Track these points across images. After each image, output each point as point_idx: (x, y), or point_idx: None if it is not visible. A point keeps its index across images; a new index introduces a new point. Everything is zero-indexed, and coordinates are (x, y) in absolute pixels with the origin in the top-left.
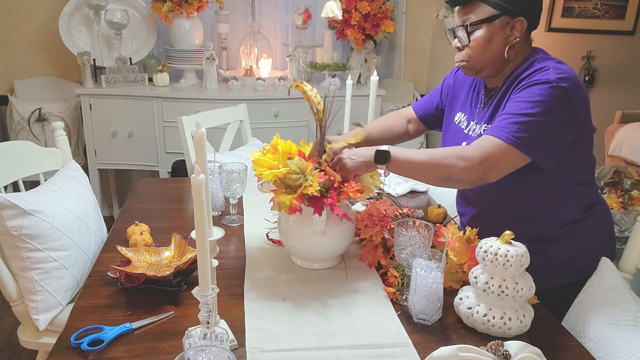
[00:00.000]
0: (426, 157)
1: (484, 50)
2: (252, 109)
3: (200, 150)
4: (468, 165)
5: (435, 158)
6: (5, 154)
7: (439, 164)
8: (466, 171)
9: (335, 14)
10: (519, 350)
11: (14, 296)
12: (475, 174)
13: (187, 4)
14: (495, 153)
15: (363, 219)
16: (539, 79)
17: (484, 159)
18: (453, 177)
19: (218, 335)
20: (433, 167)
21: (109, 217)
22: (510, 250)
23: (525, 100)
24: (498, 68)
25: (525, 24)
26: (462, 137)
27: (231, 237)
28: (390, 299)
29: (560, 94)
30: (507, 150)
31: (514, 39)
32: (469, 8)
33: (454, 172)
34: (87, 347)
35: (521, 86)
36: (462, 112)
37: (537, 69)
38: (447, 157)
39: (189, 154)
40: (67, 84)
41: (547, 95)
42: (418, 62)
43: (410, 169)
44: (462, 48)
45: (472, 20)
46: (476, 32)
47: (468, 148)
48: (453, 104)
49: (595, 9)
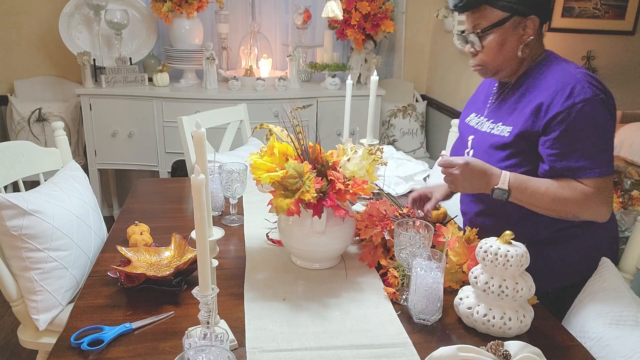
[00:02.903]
0: (549, 202)
1: (498, 53)
2: (252, 109)
3: (200, 150)
4: (595, 214)
5: (556, 206)
6: (5, 154)
7: (560, 211)
8: (593, 215)
9: (335, 14)
10: (519, 350)
11: (14, 296)
12: (602, 215)
13: (187, 4)
14: (608, 188)
15: (363, 219)
16: (583, 98)
17: (603, 199)
18: (575, 219)
19: (218, 335)
20: (554, 212)
21: (109, 217)
22: (510, 250)
23: (587, 127)
24: (515, 67)
25: (538, 21)
26: (471, 132)
27: (231, 237)
28: (390, 299)
29: (603, 106)
30: (610, 180)
31: (528, 37)
32: (478, 13)
33: (577, 216)
34: (87, 347)
35: (565, 109)
36: (475, 112)
37: (564, 84)
38: (570, 204)
39: (189, 154)
40: (67, 84)
41: (598, 111)
42: (418, 62)
43: (527, 205)
44: (475, 53)
45: (482, 26)
46: (488, 37)
47: (587, 190)
48: (470, 107)
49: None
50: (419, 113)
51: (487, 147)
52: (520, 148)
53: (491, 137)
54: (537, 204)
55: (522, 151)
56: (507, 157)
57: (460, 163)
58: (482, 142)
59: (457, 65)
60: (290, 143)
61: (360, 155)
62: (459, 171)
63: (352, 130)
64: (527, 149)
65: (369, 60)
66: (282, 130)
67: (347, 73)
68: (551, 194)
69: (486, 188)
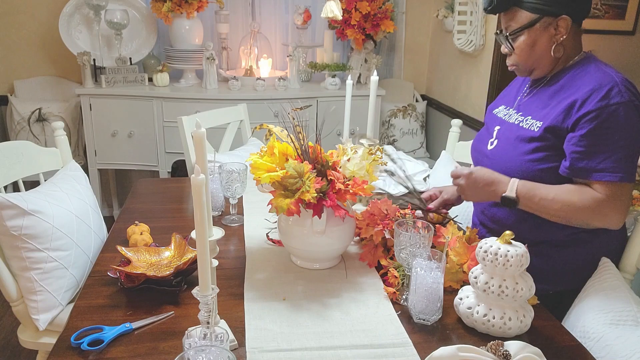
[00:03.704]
0: (558, 209)
1: (529, 54)
2: (252, 109)
3: (200, 150)
4: (606, 221)
5: (566, 213)
6: (5, 154)
7: (570, 218)
8: (604, 223)
9: (335, 14)
10: (519, 350)
11: (14, 296)
12: (614, 224)
13: (187, 4)
14: (625, 196)
15: (364, 218)
16: (618, 101)
17: (616, 206)
18: (587, 226)
19: (218, 335)
20: (565, 219)
21: (109, 217)
22: (510, 250)
23: (616, 130)
24: (549, 66)
25: (570, 21)
26: (497, 122)
27: (231, 237)
28: (390, 299)
29: (637, 112)
30: (629, 188)
31: (560, 37)
32: (509, 15)
33: (588, 224)
34: (87, 347)
35: (598, 108)
36: (504, 105)
37: (602, 84)
38: (580, 211)
39: (189, 154)
40: (67, 84)
41: (632, 117)
42: (418, 62)
43: (537, 212)
44: (510, 53)
45: (512, 27)
46: (519, 38)
47: (598, 196)
48: (501, 99)
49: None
50: (419, 113)
51: (513, 138)
52: (547, 144)
53: (518, 130)
54: (547, 211)
55: (548, 147)
56: (532, 150)
57: (464, 173)
58: (508, 133)
59: (457, 65)
60: (290, 143)
61: (360, 155)
62: (464, 182)
63: (352, 130)
64: (553, 146)
65: (369, 60)
66: (282, 131)
67: (347, 73)
68: (559, 200)
69: (494, 196)
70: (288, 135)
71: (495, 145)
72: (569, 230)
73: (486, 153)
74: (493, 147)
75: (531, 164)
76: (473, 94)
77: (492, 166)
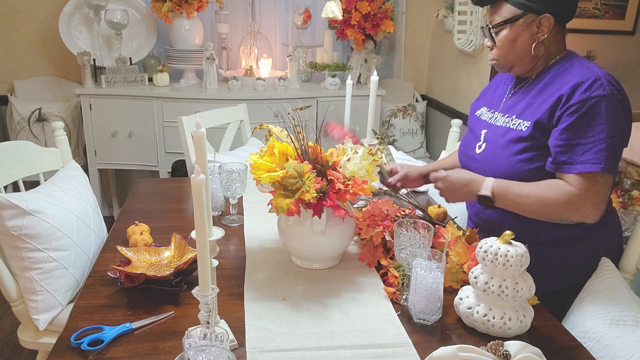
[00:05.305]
0: (534, 204)
1: (510, 49)
2: (252, 109)
3: (200, 150)
4: (580, 214)
5: (541, 209)
6: (5, 154)
7: (547, 214)
8: (579, 216)
9: (335, 14)
10: (519, 350)
11: (14, 296)
12: (590, 217)
13: (187, 4)
14: (602, 189)
15: (364, 219)
16: (600, 94)
17: (591, 199)
18: (565, 221)
19: (218, 335)
20: (542, 215)
21: (109, 217)
22: (510, 250)
23: (598, 123)
24: (529, 64)
25: (552, 20)
26: (484, 126)
27: (231, 237)
28: (390, 299)
29: (619, 105)
30: (608, 179)
31: (542, 35)
32: (495, 8)
33: (565, 218)
34: (87, 347)
35: (579, 101)
36: (486, 107)
37: (585, 78)
38: (554, 206)
39: (189, 154)
40: (67, 84)
41: (614, 110)
42: (418, 62)
43: (515, 210)
44: (491, 47)
45: (496, 21)
46: (501, 32)
47: (572, 190)
48: (482, 99)
49: (595, 9)
50: (419, 113)
51: (502, 140)
52: (537, 142)
53: (507, 132)
54: (523, 207)
55: (538, 146)
56: (521, 150)
57: (441, 176)
58: (496, 136)
59: (457, 65)
60: (290, 143)
61: (360, 155)
62: (441, 184)
63: (352, 130)
64: (543, 144)
65: (369, 60)
66: (282, 131)
67: (347, 73)
68: (534, 196)
69: (472, 196)
70: (288, 135)
71: (484, 148)
72: (567, 229)
73: (475, 157)
74: (482, 150)
75: (521, 164)
76: (473, 94)
77: (482, 169)
